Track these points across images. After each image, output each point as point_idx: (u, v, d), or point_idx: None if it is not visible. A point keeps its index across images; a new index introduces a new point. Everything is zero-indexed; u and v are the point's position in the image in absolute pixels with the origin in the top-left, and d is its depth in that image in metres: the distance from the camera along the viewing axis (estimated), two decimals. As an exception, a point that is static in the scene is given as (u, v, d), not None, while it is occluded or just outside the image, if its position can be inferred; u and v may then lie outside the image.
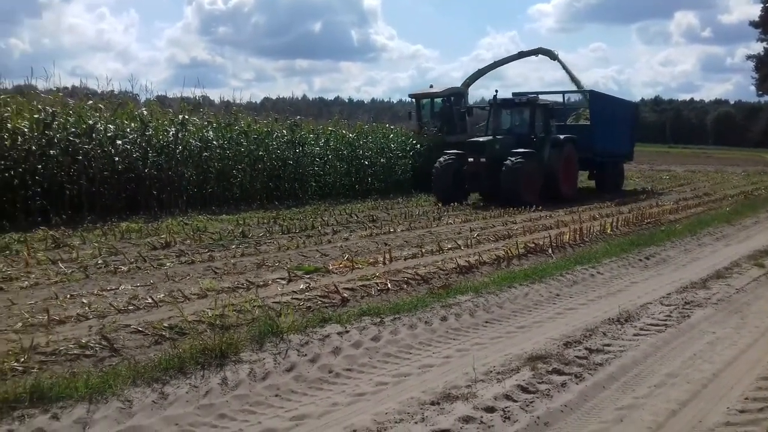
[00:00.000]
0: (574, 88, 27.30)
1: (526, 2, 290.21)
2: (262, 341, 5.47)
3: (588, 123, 22.18)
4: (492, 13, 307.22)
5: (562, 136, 19.73)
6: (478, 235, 11.86)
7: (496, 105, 19.93)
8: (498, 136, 18.89)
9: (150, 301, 6.69)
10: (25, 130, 12.90)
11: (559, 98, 23.92)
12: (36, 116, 13.21)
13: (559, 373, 5.01)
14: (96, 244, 10.06)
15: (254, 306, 6.52)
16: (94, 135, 13.89)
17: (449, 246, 10.57)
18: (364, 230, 12.42)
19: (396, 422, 4.13)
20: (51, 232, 10.79)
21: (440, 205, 17.53)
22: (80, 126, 13.87)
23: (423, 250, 10.06)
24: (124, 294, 7.07)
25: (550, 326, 6.42)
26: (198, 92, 19.34)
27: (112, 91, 16.88)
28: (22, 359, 4.90)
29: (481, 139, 18.97)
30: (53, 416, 4.01)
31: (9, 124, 12.72)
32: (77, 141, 13.54)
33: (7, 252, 9.35)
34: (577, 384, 4.80)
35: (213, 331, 5.72)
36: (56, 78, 27.68)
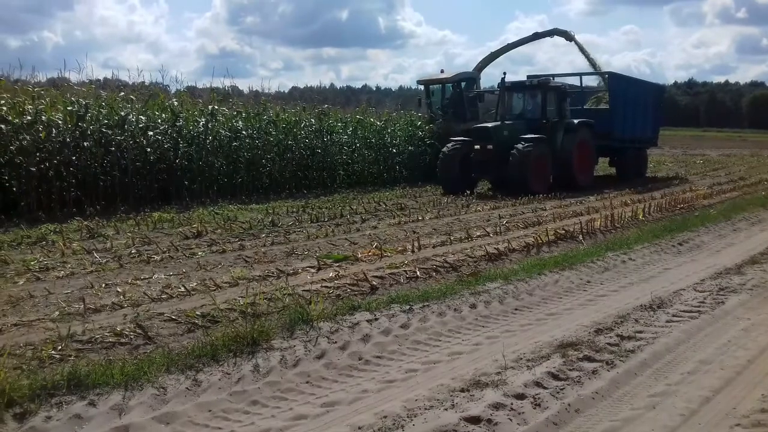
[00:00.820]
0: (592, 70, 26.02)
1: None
2: (293, 329, 5.52)
3: (607, 107, 20.97)
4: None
5: (576, 121, 18.61)
6: (507, 222, 11.80)
7: (505, 88, 18.84)
8: (507, 122, 17.97)
9: (183, 289, 6.79)
10: (59, 122, 13.14)
11: (578, 81, 22.37)
12: (69, 108, 13.45)
13: (590, 360, 4.97)
14: (129, 234, 10.23)
15: (284, 294, 6.58)
16: (126, 126, 14.11)
17: (478, 233, 10.53)
18: (393, 218, 12.43)
19: (426, 409, 4.14)
20: (85, 223, 11.00)
21: (455, 195, 16.58)
22: (113, 118, 14.09)
23: (451, 238, 10.03)
24: (158, 283, 7.19)
25: (580, 313, 6.38)
26: (227, 82, 19.47)
27: (144, 82, 17.11)
28: (60, 347, 5.01)
29: (488, 124, 18.06)
30: (90, 403, 4.10)
31: (43, 117, 12.96)
32: (110, 132, 13.76)
33: (44, 242, 9.56)
34: (608, 371, 4.76)
35: (244, 318, 5.78)
36: (89, 70, 28.05)
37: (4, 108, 12.59)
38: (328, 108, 21.41)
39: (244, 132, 16.96)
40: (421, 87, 25.22)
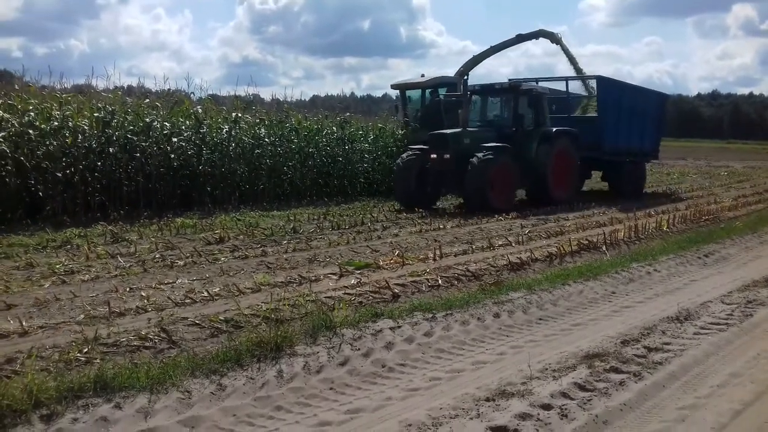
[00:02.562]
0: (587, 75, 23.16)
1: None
2: (316, 335, 5.52)
3: (595, 115, 18.66)
4: (542, 9, 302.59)
5: (554, 129, 16.41)
6: (529, 232, 11.71)
7: (470, 92, 16.56)
8: (470, 128, 15.83)
9: (206, 294, 6.81)
10: (86, 128, 13.28)
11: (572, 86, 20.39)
12: (96, 115, 13.60)
13: (617, 371, 4.91)
14: (153, 239, 10.31)
15: (307, 300, 6.58)
16: (151, 133, 14.23)
17: (500, 242, 10.47)
18: (414, 226, 12.39)
19: (451, 418, 4.11)
20: (109, 227, 11.11)
21: (412, 210, 14.78)
22: (138, 124, 14.22)
23: (473, 247, 9.99)
24: (181, 288, 7.23)
25: (606, 324, 6.30)
26: (250, 90, 19.56)
27: (168, 89, 17.23)
28: (85, 350, 5.05)
29: (446, 131, 15.84)
30: (116, 405, 4.12)
31: (70, 123, 13.12)
32: (135, 139, 13.90)
33: (69, 246, 9.66)
34: (636, 383, 4.69)
35: (268, 324, 5.78)
36: (115, 77, 28.40)
37: (32, 113, 12.77)
38: (350, 116, 21.45)
39: (266, 139, 17.03)
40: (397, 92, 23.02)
